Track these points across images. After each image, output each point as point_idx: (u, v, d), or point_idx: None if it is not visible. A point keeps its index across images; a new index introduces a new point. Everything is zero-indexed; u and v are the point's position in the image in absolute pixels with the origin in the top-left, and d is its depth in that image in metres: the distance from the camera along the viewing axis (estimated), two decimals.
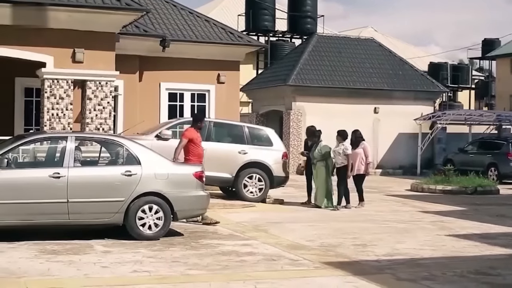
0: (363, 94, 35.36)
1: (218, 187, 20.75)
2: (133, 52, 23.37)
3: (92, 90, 19.23)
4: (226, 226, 14.99)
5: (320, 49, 36.78)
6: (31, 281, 9.32)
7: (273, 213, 17.76)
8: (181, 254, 11.56)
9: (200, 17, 27.18)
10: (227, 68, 25.87)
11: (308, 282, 9.77)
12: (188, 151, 15.58)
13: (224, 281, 9.66)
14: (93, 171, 13.23)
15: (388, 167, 35.73)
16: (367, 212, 18.58)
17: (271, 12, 44.46)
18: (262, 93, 37.41)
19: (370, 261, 11.44)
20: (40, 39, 18.44)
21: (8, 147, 12.83)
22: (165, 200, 13.02)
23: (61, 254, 11.25)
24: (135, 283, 9.32)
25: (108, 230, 13.23)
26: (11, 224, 12.52)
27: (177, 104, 25.73)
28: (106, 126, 19.33)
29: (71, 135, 13.38)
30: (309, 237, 13.76)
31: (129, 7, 19.05)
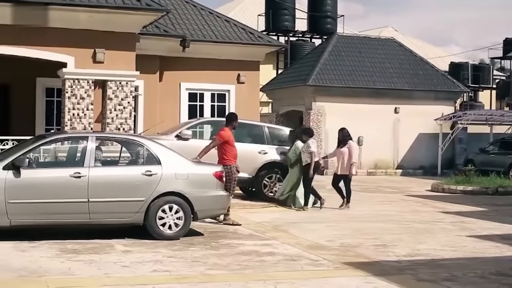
0: (383, 94, 35.24)
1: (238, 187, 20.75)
2: (153, 52, 23.43)
3: (112, 90, 19.29)
4: (246, 226, 15.00)
5: (340, 49, 36.69)
6: (52, 280, 9.36)
7: (292, 213, 17.75)
8: (201, 254, 11.57)
9: (220, 17, 27.21)
10: (247, 68, 25.88)
11: (328, 283, 9.75)
12: (224, 152, 15.53)
13: (244, 281, 9.65)
14: (113, 171, 13.27)
15: (408, 167, 35.59)
16: (387, 212, 18.52)
17: (291, 12, 44.42)
18: (282, 93, 37.38)
19: (390, 262, 11.39)
20: (61, 39, 18.52)
21: (29, 147, 12.89)
22: (185, 200, 13.04)
23: (81, 254, 11.29)
24: (155, 282, 9.34)
25: (128, 230, 13.27)
26: (32, 223, 12.59)
27: (197, 104, 25.77)
28: (126, 126, 19.38)
29: (91, 135, 13.43)
30: (329, 237, 13.73)
31: (150, 7, 19.09)
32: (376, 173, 34.79)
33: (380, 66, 36.41)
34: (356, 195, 23.15)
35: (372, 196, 23.32)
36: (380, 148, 34.88)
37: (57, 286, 9.02)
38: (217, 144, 15.60)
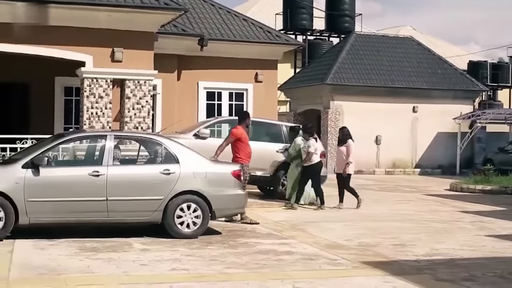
0: (401, 93, 35.15)
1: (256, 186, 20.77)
2: (172, 51, 23.47)
3: (131, 89, 19.33)
4: (264, 225, 14.99)
5: (358, 48, 36.64)
6: (71, 278, 9.39)
7: (310, 212, 17.73)
8: (219, 253, 11.57)
9: (238, 16, 27.21)
10: (265, 67, 25.86)
11: (347, 282, 9.72)
12: (237, 150, 15.64)
13: (262, 280, 9.65)
14: (132, 170, 13.30)
15: (426, 166, 35.49)
16: (405, 211, 18.46)
17: (309, 11, 44.35)
18: (300, 92, 37.36)
19: (409, 261, 11.35)
20: (80, 38, 18.58)
21: (48, 146, 12.94)
22: (203, 199, 13.05)
23: (100, 252, 11.33)
24: (174, 281, 9.35)
25: (146, 228, 13.31)
26: (51, 221, 12.65)
27: (215, 103, 25.79)
28: (144, 125, 19.42)
29: (110, 133, 13.46)
30: (347, 237, 13.71)
31: (168, 6, 19.11)
32: (394, 172, 34.72)
33: (398, 65, 36.33)
34: (374, 195, 23.16)
35: (390, 195, 23.26)
36: (398, 147, 34.81)
37: (76, 284, 9.04)
38: (230, 141, 15.70)
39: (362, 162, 34.06)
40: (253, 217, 15.36)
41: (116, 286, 9.08)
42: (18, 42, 18.10)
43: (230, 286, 9.25)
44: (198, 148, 14.80)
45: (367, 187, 26.16)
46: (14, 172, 12.26)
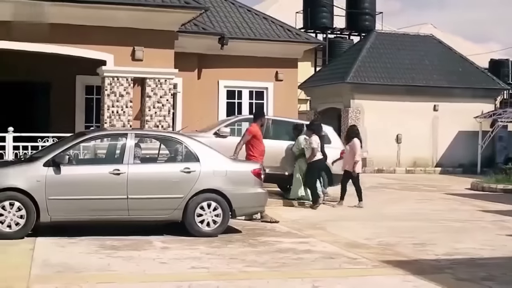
0: (422, 91, 35.01)
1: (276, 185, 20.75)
2: (192, 50, 23.48)
3: (151, 88, 19.37)
4: (284, 223, 15.00)
5: (379, 46, 36.54)
6: (91, 276, 9.44)
7: (330, 211, 17.72)
8: (239, 251, 11.59)
9: (258, 15, 27.20)
10: (285, 66, 25.83)
11: (367, 281, 9.72)
12: (252, 148, 15.73)
13: (282, 278, 9.66)
14: (152, 168, 13.35)
15: (447, 165, 35.34)
16: (426, 210, 18.41)
17: (329, 9, 44.24)
18: (320, 91, 37.32)
19: (429, 261, 11.32)
20: (101, 37, 18.63)
21: (69, 144, 13.01)
22: (224, 197, 13.08)
23: (120, 250, 11.38)
24: (193, 279, 9.37)
25: (167, 227, 13.35)
26: (72, 219, 12.73)
27: (235, 102, 25.79)
28: (165, 124, 19.45)
29: (131, 132, 13.53)
30: (367, 236, 13.69)
31: (188, 5, 19.13)
32: (415, 171, 34.61)
33: (419, 64, 36.21)
34: (395, 193, 23.12)
35: (410, 194, 23.18)
36: (419, 146, 34.71)
37: (96, 282, 9.09)
38: (247, 139, 15.79)
39: (383, 161, 34.07)
40: (273, 216, 15.36)
41: (136, 284, 9.12)
42: (40, 41, 18.19)
43: (249, 284, 9.25)
44: (218, 147, 14.82)
45: (387, 186, 26.13)
46: (35, 170, 12.34)
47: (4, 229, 12.05)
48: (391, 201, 20.25)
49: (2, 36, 17.90)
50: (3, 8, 17.73)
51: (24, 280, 9.02)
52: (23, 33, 17.96)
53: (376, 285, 9.54)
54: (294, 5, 50.45)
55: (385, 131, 33.91)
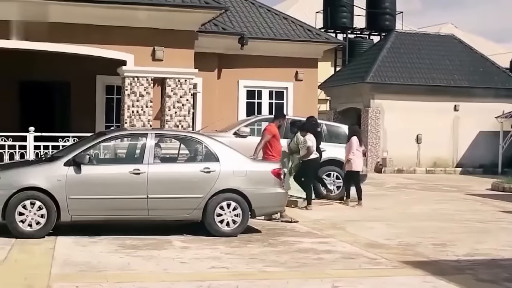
0: (443, 91, 34.85)
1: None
2: (212, 50, 23.54)
3: (171, 88, 19.41)
4: (304, 223, 14.98)
5: (399, 46, 36.42)
6: (111, 275, 9.48)
7: (350, 211, 17.68)
8: (259, 251, 11.59)
9: (278, 15, 27.21)
10: (305, 66, 25.84)
11: (386, 281, 9.69)
12: (270, 147, 15.77)
13: (302, 278, 9.65)
14: (172, 168, 13.37)
15: (468, 165, 35.16)
16: (446, 211, 18.32)
17: (349, 9, 44.15)
18: (340, 91, 37.25)
19: (449, 261, 11.27)
20: (121, 37, 18.70)
21: (89, 144, 13.05)
22: (243, 197, 13.08)
23: (140, 249, 11.41)
24: (213, 279, 9.38)
25: (186, 226, 13.37)
26: (92, 219, 12.78)
27: (255, 102, 25.83)
28: (185, 123, 19.49)
29: (151, 132, 13.56)
30: (387, 236, 13.65)
31: (208, 5, 19.16)
32: (435, 171, 34.47)
33: (440, 63, 36.04)
34: (415, 194, 23.04)
35: (430, 194, 23.08)
36: (439, 146, 34.56)
37: (116, 281, 9.12)
38: (268, 139, 15.82)
39: (403, 161, 33.95)
40: (292, 216, 15.35)
41: (156, 283, 9.14)
42: (60, 41, 18.29)
43: (269, 284, 9.25)
44: (238, 147, 14.82)
45: (407, 186, 26.04)
46: (56, 169, 12.40)
47: (25, 228, 12.12)
48: (412, 202, 20.17)
49: (22, 36, 18.01)
50: (22, 8, 17.84)
51: (45, 279, 9.06)
52: (43, 33, 18.06)
53: (396, 286, 9.51)
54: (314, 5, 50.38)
55: (405, 131, 33.78)
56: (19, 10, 17.86)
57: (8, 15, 17.83)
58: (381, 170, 33.55)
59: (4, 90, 22.35)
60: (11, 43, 18.11)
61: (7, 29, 17.88)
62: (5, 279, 9.09)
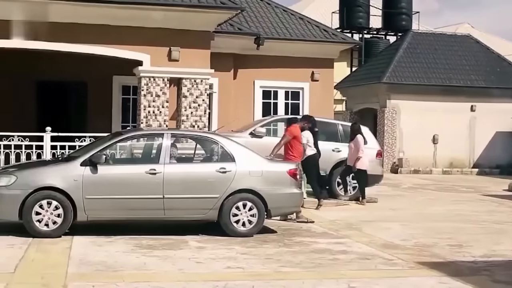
0: (459, 91, 34.72)
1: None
2: (228, 50, 23.56)
3: (187, 88, 19.45)
4: (320, 224, 14.97)
5: (415, 46, 36.32)
6: (127, 274, 9.50)
7: (366, 212, 17.64)
8: (274, 251, 11.59)
9: (294, 15, 27.20)
10: (321, 66, 25.81)
11: (402, 282, 9.66)
12: (291, 148, 15.77)
13: (317, 279, 9.64)
14: (188, 168, 13.38)
15: (484, 166, 35.00)
16: (462, 212, 18.25)
17: (365, 9, 44.06)
18: (356, 91, 37.19)
19: (466, 262, 11.23)
20: (137, 38, 18.76)
21: (106, 144, 13.10)
22: (259, 197, 13.07)
23: (156, 249, 11.43)
24: (229, 279, 9.39)
25: (202, 226, 13.38)
26: (108, 218, 12.82)
27: (271, 102, 25.82)
28: (201, 124, 19.53)
29: (167, 132, 13.59)
30: (403, 237, 13.61)
31: (224, 5, 19.18)
32: (452, 172, 34.34)
33: (456, 63, 35.91)
34: (431, 194, 22.96)
35: (447, 195, 23.00)
36: (455, 147, 34.43)
37: (132, 280, 9.14)
38: (287, 140, 15.82)
39: (419, 161, 33.86)
40: (308, 216, 15.34)
41: (172, 283, 9.16)
42: (77, 41, 18.36)
43: (285, 284, 9.25)
44: (254, 147, 14.84)
45: (424, 186, 25.96)
46: (72, 169, 12.45)
47: (42, 227, 12.18)
48: (428, 202, 20.12)
49: (39, 37, 18.09)
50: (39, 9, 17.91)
51: (61, 278, 9.10)
52: (60, 33, 18.14)
53: (412, 287, 9.48)
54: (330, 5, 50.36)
55: (422, 132, 33.68)
56: (36, 11, 17.95)
57: (25, 16, 17.91)
58: (397, 171, 33.47)
59: (21, 90, 22.48)
60: (27, 44, 18.20)
61: (23, 30, 17.96)
62: (22, 278, 9.13)
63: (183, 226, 13.48)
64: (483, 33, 61.44)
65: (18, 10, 17.82)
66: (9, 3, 17.77)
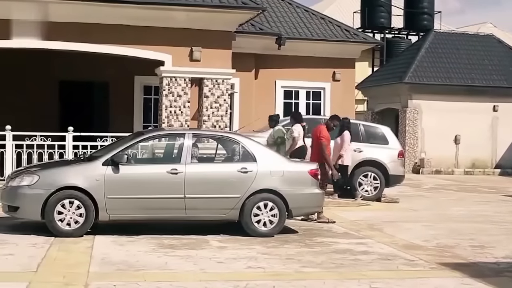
0: (481, 91, 34.51)
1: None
2: (249, 50, 23.59)
3: (209, 88, 19.48)
4: (341, 224, 14.95)
5: (437, 46, 36.15)
6: (149, 274, 9.53)
7: (388, 212, 17.60)
8: (295, 252, 11.59)
9: (316, 15, 27.18)
10: (342, 66, 25.78)
11: (424, 283, 9.63)
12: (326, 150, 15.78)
13: (338, 279, 9.63)
14: (209, 168, 13.41)
15: (507, 166, 34.76)
16: (485, 212, 18.16)
17: (387, 8, 43.94)
18: (378, 91, 37.09)
19: (488, 263, 11.17)
20: (159, 38, 18.80)
21: (127, 144, 13.14)
22: (280, 197, 13.07)
23: (178, 249, 11.46)
24: (250, 279, 9.39)
25: (223, 226, 13.40)
26: (130, 218, 12.88)
27: (292, 102, 25.81)
28: (222, 124, 19.54)
29: (188, 132, 13.61)
30: (425, 237, 13.56)
31: (246, 5, 19.19)
32: (474, 172, 34.15)
33: (478, 63, 35.71)
34: (453, 195, 22.86)
35: (469, 196, 22.88)
36: (477, 147, 34.21)
37: (154, 280, 9.17)
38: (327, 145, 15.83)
39: (441, 161, 33.69)
40: (329, 216, 15.32)
41: (193, 283, 9.17)
42: (100, 42, 18.43)
43: (306, 285, 9.25)
44: None
45: (446, 187, 25.85)
46: (94, 169, 12.51)
47: (64, 227, 12.24)
48: (450, 203, 20.03)
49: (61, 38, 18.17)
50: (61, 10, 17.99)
51: (83, 278, 9.14)
52: (83, 34, 18.22)
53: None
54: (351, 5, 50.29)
55: (443, 132, 33.53)
56: (58, 12, 18.03)
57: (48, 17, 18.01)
58: (418, 171, 33.33)
59: (44, 90, 22.62)
60: (50, 44, 18.29)
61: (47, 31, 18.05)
62: (44, 277, 9.18)
63: (204, 225, 13.51)
64: (506, 32, 61.10)
65: (41, 11, 17.92)
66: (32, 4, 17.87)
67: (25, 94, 22.29)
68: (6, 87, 22.09)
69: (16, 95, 22.15)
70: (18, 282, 8.86)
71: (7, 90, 22.06)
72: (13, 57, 20.36)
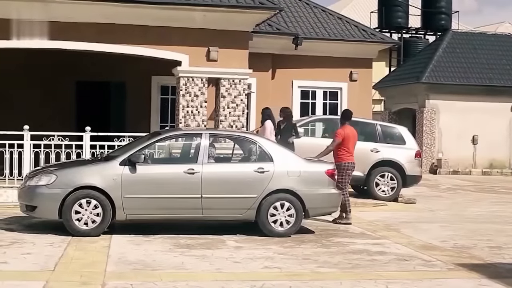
0: (499, 91, 34.38)
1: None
2: (266, 50, 23.55)
3: (226, 88, 19.48)
4: (358, 224, 14.93)
5: (455, 46, 36.04)
6: (165, 273, 9.56)
7: (405, 213, 17.55)
8: (312, 252, 11.58)
9: (333, 15, 27.12)
10: (359, 66, 25.70)
11: (441, 284, 9.59)
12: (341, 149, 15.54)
13: (355, 279, 9.61)
14: (226, 168, 13.42)
15: None
16: (502, 213, 18.08)
17: (404, 8, 43.86)
18: (395, 91, 37.01)
19: (505, 264, 11.12)
20: (176, 38, 18.80)
21: (144, 144, 13.18)
22: (297, 197, 13.06)
23: (194, 249, 11.48)
24: (266, 279, 9.40)
25: (239, 226, 13.41)
26: (147, 218, 12.91)
27: (309, 102, 25.78)
28: (239, 124, 19.53)
29: (205, 132, 13.62)
30: (442, 238, 13.52)
31: (263, 5, 19.17)
32: (491, 173, 34.02)
33: (496, 63, 35.57)
34: (471, 195, 22.78)
35: (486, 196, 22.80)
36: (495, 147, 34.10)
37: (170, 279, 9.19)
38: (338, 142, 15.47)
39: (458, 162, 33.58)
40: None
41: (210, 282, 9.18)
42: (117, 42, 18.47)
43: (322, 285, 9.23)
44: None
45: (463, 187, 25.77)
46: (111, 169, 12.55)
47: (81, 226, 12.29)
48: (468, 203, 19.96)
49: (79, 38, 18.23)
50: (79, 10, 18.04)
51: (100, 277, 9.18)
52: (100, 34, 18.26)
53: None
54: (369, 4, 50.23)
55: (461, 132, 33.43)
56: (75, 12, 18.08)
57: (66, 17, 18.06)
58: (436, 171, 33.24)
59: (61, 90, 22.69)
60: (70, 45, 18.33)
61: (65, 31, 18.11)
62: (61, 276, 9.22)
63: (221, 225, 13.53)
64: None
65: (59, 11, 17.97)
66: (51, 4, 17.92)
67: (42, 94, 22.37)
68: (23, 87, 22.19)
69: (33, 95, 22.23)
70: (35, 281, 8.91)
71: (24, 90, 22.15)
72: (30, 57, 20.45)
